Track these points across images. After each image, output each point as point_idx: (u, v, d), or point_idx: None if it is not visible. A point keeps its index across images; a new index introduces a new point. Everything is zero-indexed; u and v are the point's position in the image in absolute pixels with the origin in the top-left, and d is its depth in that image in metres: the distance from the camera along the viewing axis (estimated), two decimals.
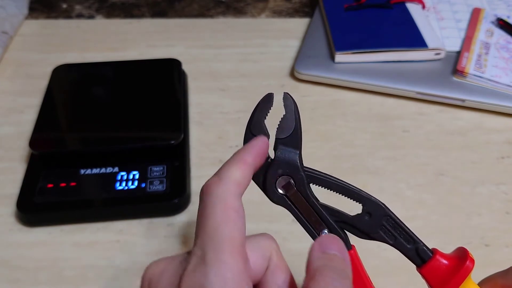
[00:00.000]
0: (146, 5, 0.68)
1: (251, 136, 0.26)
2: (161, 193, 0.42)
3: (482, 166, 0.47)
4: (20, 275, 0.38)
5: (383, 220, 0.26)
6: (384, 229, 0.26)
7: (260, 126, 0.26)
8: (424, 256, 0.26)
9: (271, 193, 0.27)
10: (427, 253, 0.26)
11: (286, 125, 0.26)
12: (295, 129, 0.26)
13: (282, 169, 0.26)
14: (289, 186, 0.26)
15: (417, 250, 0.26)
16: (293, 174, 0.26)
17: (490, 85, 0.53)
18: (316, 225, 0.26)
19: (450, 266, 0.26)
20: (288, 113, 0.26)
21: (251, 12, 0.68)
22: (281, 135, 0.27)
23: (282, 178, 0.26)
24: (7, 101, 0.53)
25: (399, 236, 0.26)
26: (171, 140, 0.44)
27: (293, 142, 0.26)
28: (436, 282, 0.26)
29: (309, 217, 0.26)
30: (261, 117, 0.27)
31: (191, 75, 0.56)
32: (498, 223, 0.42)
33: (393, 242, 0.26)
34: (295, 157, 0.26)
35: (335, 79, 0.55)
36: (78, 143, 0.46)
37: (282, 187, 0.26)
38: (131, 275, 0.38)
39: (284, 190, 0.26)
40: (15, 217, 0.42)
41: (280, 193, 0.27)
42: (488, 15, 0.62)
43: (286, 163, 0.26)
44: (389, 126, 0.51)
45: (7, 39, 0.60)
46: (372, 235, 0.26)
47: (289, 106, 0.27)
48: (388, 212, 0.26)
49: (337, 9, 0.62)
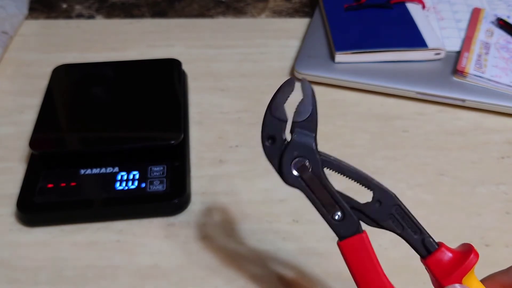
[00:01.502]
0: (146, 5, 0.68)
1: (271, 118, 0.27)
2: (161, 193, 0.42)
3: (482, 166, 0.47)
4: (20, 275, 0.38)
5: (392, 209, 0.27)
6: (393, 218, 0.27)
7: (280, 109, 0.27)
8: (430, 247, 0.27)
9: (286, 174, 0.27)
10: (433, 244, 0.27)
11: (303, 109, 0.27)
12: (311, 113, 0.27)
13: (298, 151, 0.27)
14: (304, 168, 0.27)
15: (424, 241, 0.27)
16: (309, 156, 0.27)
17: (490, 85, 0.53)
18: (329, 208, 0.27)
19: (455, 259, 0.26)
20: (305, 98, 0.27)
21: (251, 12, 0.68)
22: (298, 119, 0.27)
23: (298, 160, 0.27)
24: (7, 101, 0.53)
25: (407, 226, 0.27)
26: (171, 140, 0.44)
27: (309, 126, 0.27)
28: (440, 273, 0.26)
29: (323, 199, 0.27)
30: (282, 99, 0.27)
31: (191, 75, 0.56)
32: (498, 223, 0.42)
33: (400, 231, 0.27)
34: (311, 140, 0.27)
35: (335, 79, 0.55)
36: (78, 143, 0.46)
37: (298, 169, 0.27)
38: (131, 275, 0.38)
39: (299, 172, 0.27)
40: (15, 217, 0.42)
41: (295, 174, 0.27)
42: (488, 15, 0.62)
43: (302, 146, 0.27)
44: (389, 126, 0.51)
45: (7, 39, 0.60)
46: (381, 223, 0.27)
47: (307, 91, 0.27)
48: (398, 202, 0.27)
49: (337, 9, 0.62)
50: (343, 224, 0.27)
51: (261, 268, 0.39)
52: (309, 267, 0.39)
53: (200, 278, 0.38)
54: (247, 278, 0.38)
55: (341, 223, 0.27)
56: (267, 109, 0.27)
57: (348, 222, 0.27)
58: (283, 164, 0.27)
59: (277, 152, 0.27)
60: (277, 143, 0.27)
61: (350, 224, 0.27)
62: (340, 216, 0.27)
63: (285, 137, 0.27)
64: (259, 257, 0.40)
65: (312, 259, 0.39)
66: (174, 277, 0.38)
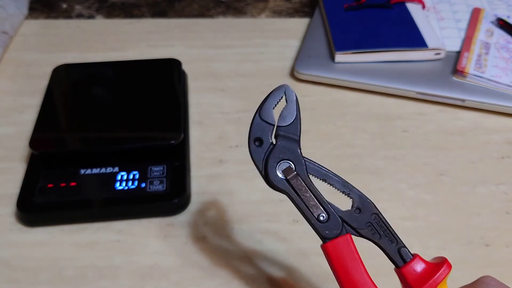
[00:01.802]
0: (146, 5, 0.68)
1: (259, 121, 0.28)
2: (161, 193, 0.42)
3: (482, 166, 0.47)
4: (20, 275, 0.38)
5: (371, 217, 0.28)
6: (371, 227, 0.28)
7: (269, 113, 0.28)
8: (405, 257, 0.27)
9: (272, 176, 0.28)
10: (409, 254, 0.27)
11: (287, 114, 0.28)
12: (295, 118, 0.28)
13: (283, 154, 0.28)
14: (289, 170, 0.28)
15: (400, 250, 0.27)
16: (294, 159, 0.28)
17: (490, 85, 0.53)
18: (314, 209, 0.28)
19: (429, 269, 0.27)
20: (289, 103, 0.28)
21: (251, 12, 0.68)
22: (282, 123, 0.28)
23: (283, 163, 0.28)
24: (7, 101, 0.53)
25: (384, 235, 0.28)
26: (171, 140, 0.44)
27: (293, 130, 0.28)
28: (414, 282, 0.27)
29: (308, 201, 0.28)
30: (271, 104, 0.28)
31: (191, 75, 0.56)
32: (498, 223, 0.42)
33: (377, 240, 0.28)
34: (295, 144, 0.28)
35: (335, 79, 0.55)
36: (78, 143, 0.46)
37: (283, 171, 0.28)
38: (131, 275, 0.38)
39: (285, 174, 0.28)
40: (15, 217, 0.42)
41: (281, 177, 0.28)
42: (488, 15, 0.62)
43: (287, 149, 0.28)
44: (389, 126, 0.51)
45: (7, 39, 0.60)
46: (360, 230, 0.28)
47: (291, 97, 0.28)
48: (376, 211, 0.28)
49: (337, 9, 0.62)
50: (328, 225, 0.28)
51: (261, 268, 0.39)
52: (309, 267, 0.39)
53: (200, 278, 0.38)
54: (247, 278, 0.38)
55: (325, 224, 0.28)
56: (256, 111, 0.28)
57: (332, 223, 0.28)
58: (268, 166, 0.28)
59: (263, 155, 0.28)
60: (264, 145, 0.28)
61: (335, 225, 0.28)
62: (325, 217, 0.28)
63: (271, 140, 0.28)
64: (259, 257, 0.40)
65: (312, 259, 0.39)
66: (174, 277, 0.38)
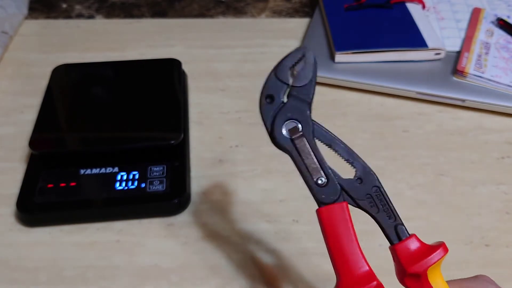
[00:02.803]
0: (146, 5, 0.68)
1: (274, 78, 0.28)
2: (161, 193, 0.42)
3: (482, 166, 0.47)
4: (20, 275, 0.38)
5: (372, 189, 0.27)
6: (370, 199, 0.27)
7: (285, 71, 0.28)
8: (401, 234, 0.27)
9: (277, 134, 0.28)
10: (405, 232, 0.27)
11: (303, 75, 0.28)
12: (310, 80, 0.28)
13: (291, 114, 0.28)
14: (295, 130, 0.28)
15: (396, 227, 0.27)
16: (302, 120, 0.28)
17: (490, 85, 0.53)
18: (314, 172, 0.27)
19: (424, 249, 0.26)
20: (307, 65, 0.28)
21: (251, 12, 0.68)
22: (296, 84, 0.28)
23: (290, 122, 0.28)
24: (7, 101, 0.53)
25: (383, 209, 0.27)
26: (171, 140, 0.44)
27: (307, 92, 0.28)
28: (406, 260, 0.26)
29: (309, 164, 0.27)
30: (289, 64, 0.28)
31: (191, 75, 0.56)
32: (498, 223, 0.42)
33: (375, 213, 0.27)
34: (306, 106, 0.28)
35: (335, 79, 0.55)
36: (78, 143, 0.46)
37: (289, 130, 0.28)
38: (131, 275, 0.38)
39: (290, 134, 0.28)
40: (15, 217, 0.42)
41: (286, 135, 0.28)
42: (488, 15, 0.62)
43: (297, 109, 0.28)
44: (389, 126, 0.51)
45: (7, 39, 0.60)
46: (358, 201, 0.27)
47: (309, 59, 0.28)
48: (378, 184, 0.27)
49: (337, 9, 0.62)
50: (326, 190, 0.27)
51: (261, 268, 0.39)
52: (309, 267, 0.39)
53: (200, 278, 0.38)
54: (247, 278, 0.38)
55: (323, 189, 0.27)
56: (272, 70, 0.28)
57: (330, 188, 0.27)
58: (275, 123, 0.28)
59: (272, 112, 0.28)
60: (275, 103, 0.28)
61: (333, 191, 0.27)
62: (323, 181, 0.27)
63: (282, 99, 0.28)
64: (259, 257, 0.40)
65: (312, 259, 0.39)
66: (174, 277, 0.38)
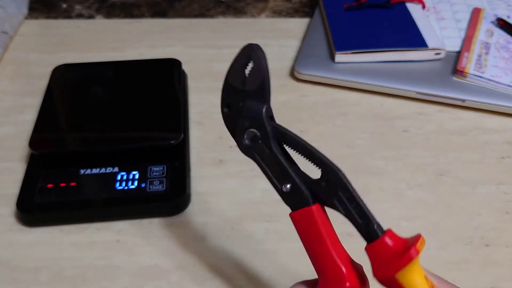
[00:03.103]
0: (146, 5, 0.68)
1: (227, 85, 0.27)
2: (161, 193, 0.42)
3: (482, 166, 0.47)
4: (20, 275, 0.38)
5: (339, 190, 0.25)
6: (339, 199, 0.25)
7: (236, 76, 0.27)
8: (372, 235, 0.25)
9: (239, 142, 0.27)
10: (376, 232, 0.25)
11: (255, 76, 0.26)
12: (262, 81, 0.26)
13: (248, 122, 0.27)
14: (255, 138, 0.27)
15: (367, 227, 0.25)
16: (258, 128, 0.27)
17: (490, 85, 0.53)
18: (278, 179, 0.27)
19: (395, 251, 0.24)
20: (257, 64, 0.26)
21: (251, 12, 0.68)
22: (249, 87, 0.27)
23: (250, 130, 0.27)
24: (7, 101, 0.53)
25: (353, 209, 0.25)
26: (171, 140, 0.44)
27: (261, 94, 0.27)
28: (376, 263, 0.25)
29: (274, 171, 0.27)
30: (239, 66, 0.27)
31: (191, 75, 0.56)
32: (498, 223, 0.42)
33: (344, 214, 0.25)
34: (261, 111, 0.27)
35: (335, 79, 0.55)
36: (78, 143, 0.46)
37: (250, 138, 0.27)
38: (131, 275, 0.38)
39: (251, 142, 0.27)
40: (15, 217, 0.42)
41: (247, 144, 0.27)
42: (488, 15, 0.62)
43: (252, 117, 0.27)
44: (389, 126, 0.51)
45: (7, 39, 0.60)
46: (326, 202, 0.26)
47: (258, 57, 0.26)
48: (345, 183, 0.25)
49: (337, 9, 0.62)
50: (291, 197, 0.27)
51: (261, 268, 0.39)
52: (309, 267, 0.39)
53: (200, 278, 0.38)
54: (247, 278, 0.38)
55: (289, 196, 0.27)
56: (225, 76, 0.27)
57: (295, 195, 0.26)
58: (237, 132, 0.27)
59: (233, 121, 0.27)
60: (234, 111, 0.27)
61: (297, 198, 0.26)
62: (288, 189, 0.27)
63: (240, 105, 0.27)
64: (259, 257, 0.40)
65: None
66: (174, 277, 0.38)
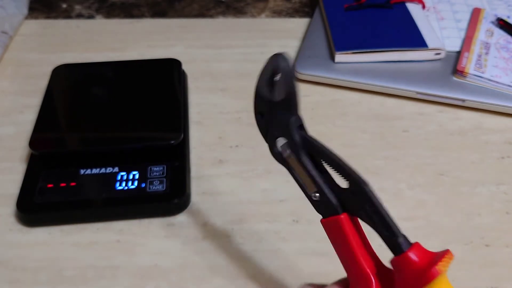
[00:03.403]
0: (146, 5, 0.68)
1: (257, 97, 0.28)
2: (161, 193, 0.42)
3: (482, 166, 0.47)
4: (20, 275, 0.38)
5: (365, 203, 0.26)
6: (365, 211, 0.26)
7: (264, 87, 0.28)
8: (396, 250, 0.25)
9: (271, 149, 0.28)
10: (400, 247, 0.25)
11: (282, 87, 0.27)
12: (289, 92, 0.27)
13: (277, 132, 0.28)
14: (285, 147, 0.28)
15: (393, 241, 0.25)
16: (287, 137, 0.28)
17: (490, 85, 0.53)
18: (308, 188, 0.28)
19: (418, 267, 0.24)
20: (284, 75, 0.27)
21: (251, 12, 0.68)
22: (277, 97, 0.27)
23: (280, 139, 0.28)
24: (7, 101, 0.53)
25: (379, 222, 0.25)
26: (171, 140, 0.44)
27: (289, 105, 0.27)
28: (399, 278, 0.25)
29: (303, 179, 0.28)
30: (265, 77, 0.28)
31: (191, 75, 0.56)
32: (498, 223, 0.42)
33: (371, 226, 0.26)
34: (289, 121, 0.27)
35: (335, 79, 0.55)
36: (78, 143, 0.46)
37: (281, 147, 0.28)
38: (131, 275, 0.38)
39: (281, 151, 0.28)
40: (15, 217, 0.42)
41: (278, 151, 0.28)
42: (488, 15, 0.62)
43: (281, 127, 0.28)
44: (389, 126, 0.51)
45: (7, 39, 0.60)
46: (354, 213, 0.27)
47: (285, 68, 0.27)
48: (370, 197, 0.25)
49: (337, 9, 0.62)
50: (320, 206, 0.27)
51: (261, 268, 0.39)
52: (309, 267, 0.39)
53: (200, 278, 0.38)
54: (247, 278, 0.38)
55: (318, 204, 0.27)
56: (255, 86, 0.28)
57: (323, 205, 0.27)
58: (269, 139, 0.28)
59: (265, 127, 0.28)
60: (265, 119, 0.28)
61: (325, 207, 0.27)
62: (317, 197, 0.27)
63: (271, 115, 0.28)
64: (259, 257, 0.40)
65: (312, 259, 0.39)
66: (174, 277, 0.38)
